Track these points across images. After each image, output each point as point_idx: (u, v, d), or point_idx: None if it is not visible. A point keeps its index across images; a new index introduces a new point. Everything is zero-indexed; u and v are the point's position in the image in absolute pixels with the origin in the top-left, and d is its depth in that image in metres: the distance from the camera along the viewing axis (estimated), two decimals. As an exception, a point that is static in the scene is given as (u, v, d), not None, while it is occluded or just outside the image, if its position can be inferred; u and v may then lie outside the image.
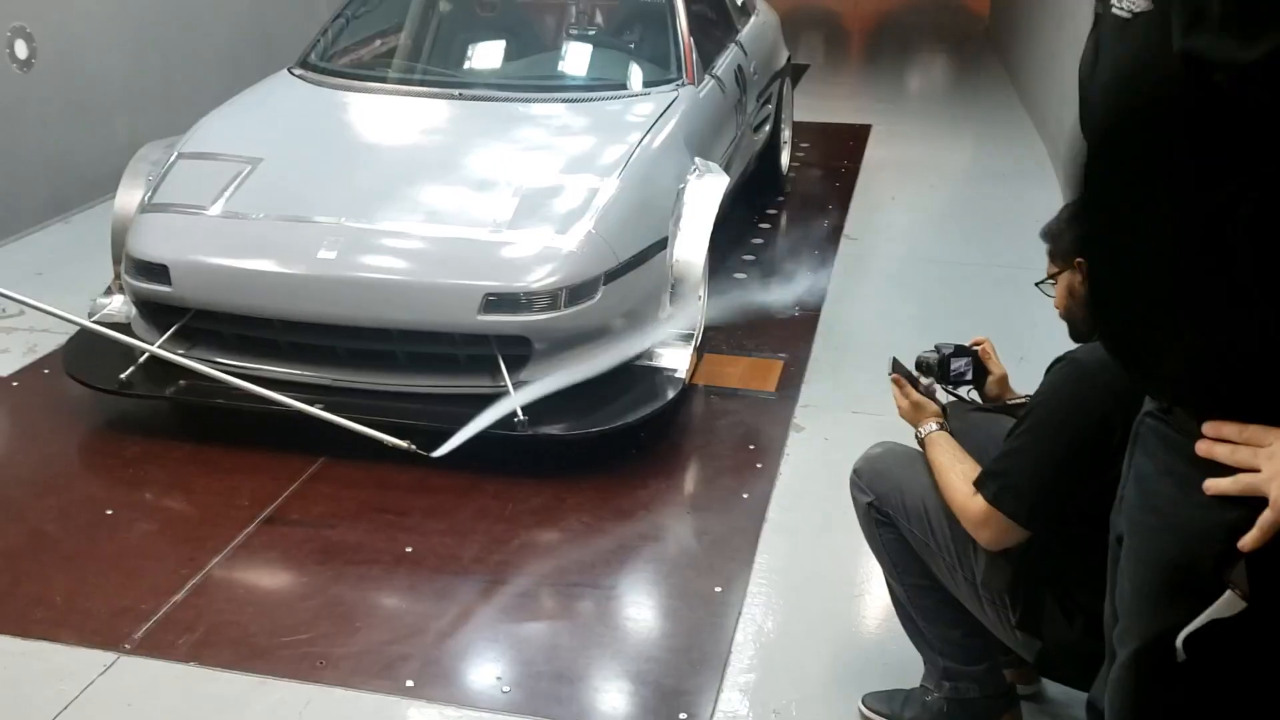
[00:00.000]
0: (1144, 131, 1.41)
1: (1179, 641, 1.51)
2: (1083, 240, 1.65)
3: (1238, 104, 1.30)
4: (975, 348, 2.75)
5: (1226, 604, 1.46)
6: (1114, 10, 1.44)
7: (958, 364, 2.71)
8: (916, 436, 2.56)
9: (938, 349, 2.70)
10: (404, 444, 3.64)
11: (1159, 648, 1.54)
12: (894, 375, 2.65)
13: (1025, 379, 2.65)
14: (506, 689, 2.89)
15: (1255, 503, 1.42)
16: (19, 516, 3.58)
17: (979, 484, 2.31)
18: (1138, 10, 1.39)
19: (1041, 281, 2.51)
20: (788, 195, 6.94)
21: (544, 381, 3.77)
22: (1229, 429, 1.44)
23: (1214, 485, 1.45)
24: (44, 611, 3.14)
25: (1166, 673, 1.54)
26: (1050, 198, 6.25)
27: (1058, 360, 2.30)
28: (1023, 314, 4.66)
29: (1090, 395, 2.20)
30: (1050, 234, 2.47)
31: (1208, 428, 1.46)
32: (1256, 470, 1.41)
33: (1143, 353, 1.53)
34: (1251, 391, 1.43)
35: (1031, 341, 4.10)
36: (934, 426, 2.52)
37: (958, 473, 2.39)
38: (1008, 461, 2.30)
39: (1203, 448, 1.46)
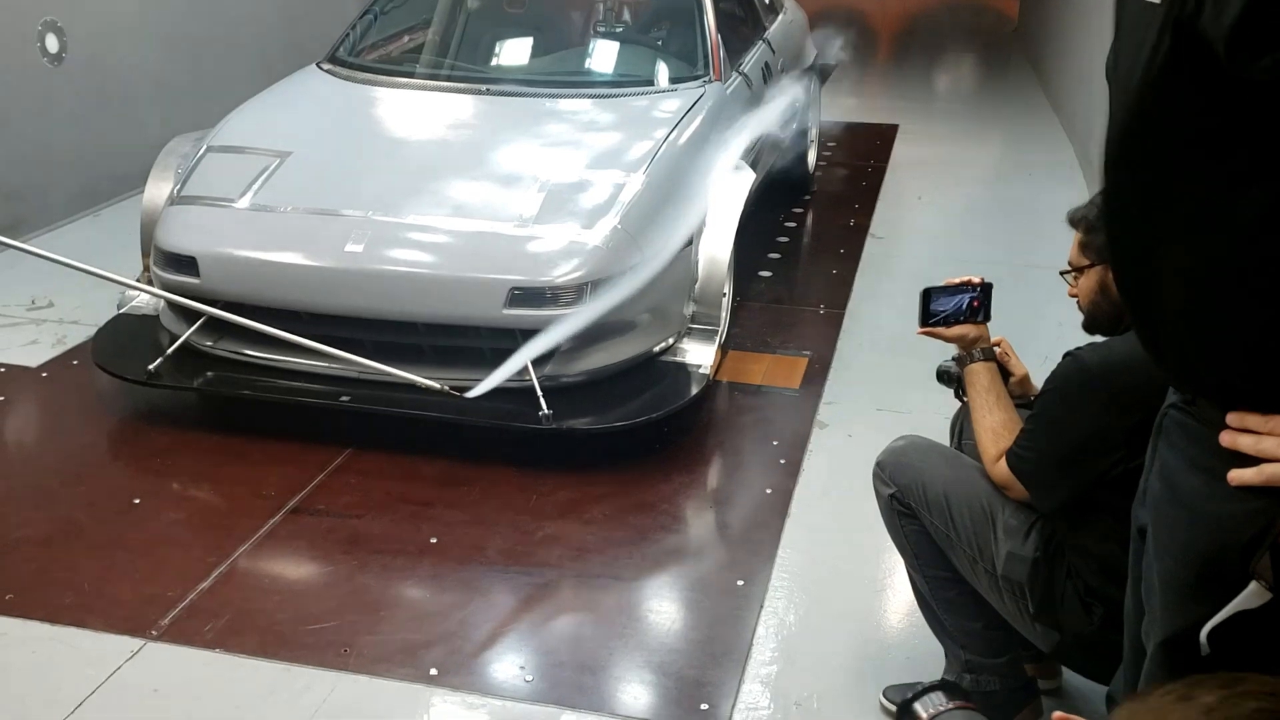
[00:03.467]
0: (1165, 120, 1.41)
1: (1203, 635, 1.50)
2: (1106, 227, 1.64)
3: (1241, 82, 1.30)
4: (994, 348, 2.75)
5: (1252, 595, 1.46)
6: None
7: None
8: (958, 368, 2.65)
9: (957, 360, 2.70)
10: (438, 384, 3.69)
11: (1184, 641, 1.53)
12: (922, 331, 2.65)
13: (1049, 377, 2.65)
14: (529, 678, 2.91)
15: (1279, 493, 1.42)
16: (49, 505, 3.62)
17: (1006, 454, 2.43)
18: None
19: (1066, 272, 2.50)
20: (814, 194, 6.94)
21: (557, 330, 3.77)
22: (1253, 419, 1.44)
23: (1238, 476, 1.44)
24: (73, 598, 3.18)
25: (1191, 666, 1.54)
26: (1077, 197, 6.21)
27: (1068, 354, 2.32)
28: (1048, 313, 4.65)
29: (1086, 400, 2.27)
30: (1087, 225, 2.42)
31: (1231, 418, 1.46)
32: (1280, 460, 1.41)
33: (1168, 344, 1.52)
34: (1276, 382, 1.43)
35: (1057, 340, 4.06)
36: (976, 356, 2.59)
37: (986, 429, 2.48)
38: (1025, 441, 2.39)
39: (1226, 438, 1.46)
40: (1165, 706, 1.05)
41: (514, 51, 5.57)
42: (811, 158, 7.05)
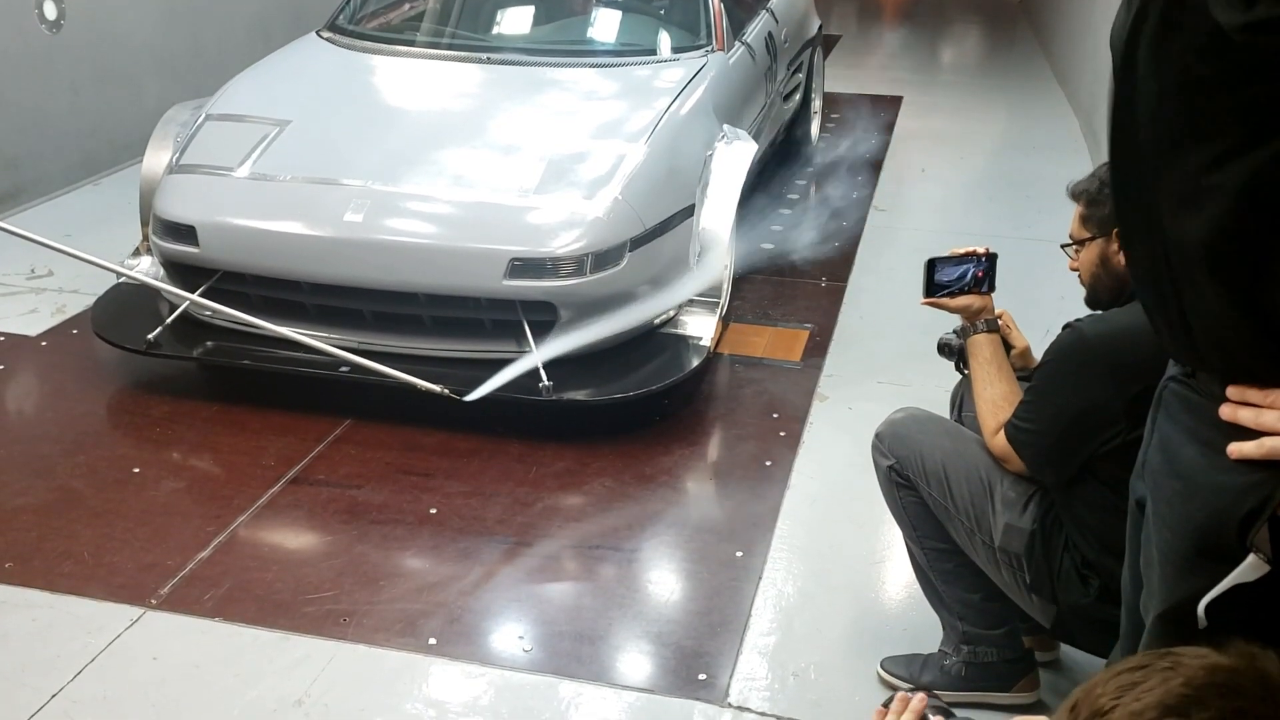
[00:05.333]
0: (1179, 91, 1.40)
1: (1201, 608, 1.50)
2: (1114, 199, 1.63)
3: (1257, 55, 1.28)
4: (997, 320, 2.74)
5: (1250, 568, 1.46)
6: None
7: None
8: (959, 340, 2.66)
9: (960, 331, 2.69)
10: (437, 388, 3.68)
11: (1182, 614, 1.53)
12: (926, 301, 2.64)
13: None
14: (528, 648, 2.91)
15: (1278, 466, 1.41)
16: (48, 473, 3.62)
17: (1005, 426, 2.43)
18: None
19: (1068, 245, 2.49)
20: (816, 165, 6.91)
21: (570, 337, 3.78)
22: (1254, 393, 1.43)
23: (1237, 449, 1.44)
24: (72, 566, 3.18)
25: (1189, 640, 1.53)
26: (1081, 170, 6.17)
27: (1067, 326, 2.31)
28: (1051, 286, 4.63)
29: (1085, 372, 2.27)
30: (1089, 198, 2.42)
31: (1232, 392, 1.45)
32: (1280, 434, 1.40)
33: (1169, 316, 1.52)
34: (1276, 355, 1.42)
35: (1058, 313, 4.05)
36: (980, 328, 2.57)
37: (987, 400, 2.48)
38: (1024, 413, 2.38)
39: (1226, 411, 1.45)
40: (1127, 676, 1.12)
41: (515, 20, 5.54)
42: (814, 129, 7.02)
